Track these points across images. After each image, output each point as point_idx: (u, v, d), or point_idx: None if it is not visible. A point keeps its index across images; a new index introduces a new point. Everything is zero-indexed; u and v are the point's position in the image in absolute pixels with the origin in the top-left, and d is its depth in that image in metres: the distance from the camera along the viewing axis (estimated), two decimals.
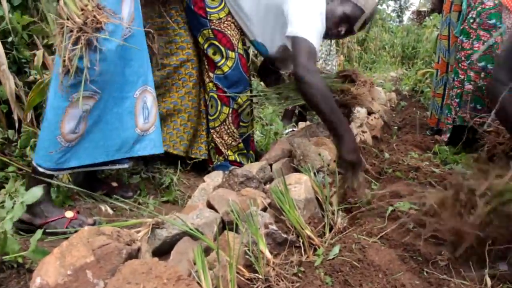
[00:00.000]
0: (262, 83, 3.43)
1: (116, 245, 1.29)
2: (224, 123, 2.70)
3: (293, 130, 3.41)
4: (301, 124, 3.07)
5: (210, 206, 1.84)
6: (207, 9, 2.53)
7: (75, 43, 1.65)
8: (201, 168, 2.99)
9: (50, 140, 1.88)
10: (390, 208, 2.03)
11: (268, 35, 2.62)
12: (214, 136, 2.74)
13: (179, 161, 2.85)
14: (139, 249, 1.40)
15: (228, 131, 2.71)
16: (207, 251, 1.55)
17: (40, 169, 1.90)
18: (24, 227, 1.90)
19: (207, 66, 2.69)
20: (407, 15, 16.76)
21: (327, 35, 2.56)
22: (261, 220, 1.70)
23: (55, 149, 1.89)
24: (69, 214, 1.97)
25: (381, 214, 2.02)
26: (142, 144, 2.18)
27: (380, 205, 2.09)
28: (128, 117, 2.10)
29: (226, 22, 2.59)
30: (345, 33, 2.61)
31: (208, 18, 2.55)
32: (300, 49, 2.18)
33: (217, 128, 2.71)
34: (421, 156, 3.22)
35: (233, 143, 2.72)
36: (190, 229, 1.55)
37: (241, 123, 2.79)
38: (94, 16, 1.67)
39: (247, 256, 1.54)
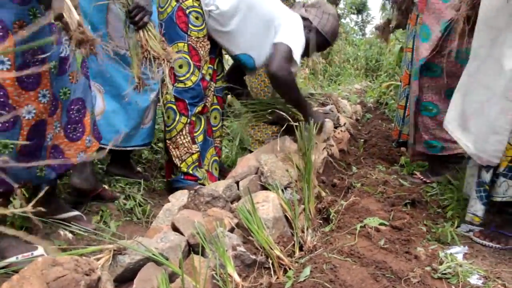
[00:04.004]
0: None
1: (73, 276, 1.20)
2: (181, 133, 2.68)
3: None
4: (269, 140, 3.05)
5: (175, 228, 1.77)
6: (190, 26, 2.62)
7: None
8: (166, 187, 2.93)
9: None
10: (360, 225, 2.00)
11: (257, 47, 2.77)
12: (171, 147, 2.71)
13: (142, 181, 2.78)
14: (99, 279, 1.31)
15: (184, 141, 2.69)
16: (173, 276, 1.48)
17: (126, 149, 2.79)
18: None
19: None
20: (369, 29, 17.12)
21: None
22: (229, 241, 1.64)
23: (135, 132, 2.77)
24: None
25: (351, 231, 1.99)
26: None
27: (350, 221, 2.06)
28: None
29: (202, 43, 2.67)
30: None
31: (188, 33, 2.62)
32: (278, 51, 2.56)
33: (173, 138, 2.69)
34: (388, 169, 3.23)
35: (186, 155, 2.69)
36: (154, 254, 1.48)
37: (213, 128, 2.88)
38: (167, 49, 2.22)
39: (215, 281, 1.48)
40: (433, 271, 1.70)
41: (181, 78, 2.65)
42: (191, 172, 2.70)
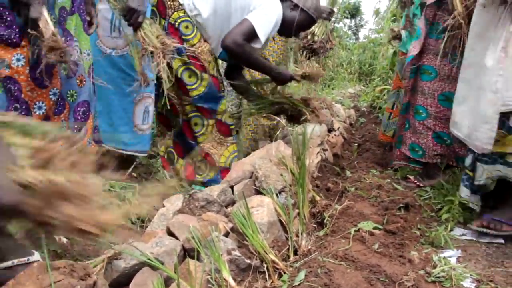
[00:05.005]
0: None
1: (69, 281, 1.21)
2: (212, 134, 2.87)
3: None
4: (262, 144, 3.06)
5: (170, 233, 1.78)
6: (183, 37, 2.73)
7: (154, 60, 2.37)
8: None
9: (129, 132, 2.80)
10: (354, 229, 2.01)
11: None
12: (208, 147, 2.86)
13: (137, 184, 2.78)
14: (94, 284, 1.32)
15: (219, 140, 2.89)
16: (168, 281, 1.48)
17: (125, 152, 2.82)
18: None
19: (179, 91, 2.83)
20: (362, 33, 17.19)
21: (285, 34, 3.12)
22: (224, 246, 1.65)
23: (133, 137, 2.84)
24: None
25: (345, 235, 2.00)
26: None
27: (344, 225, 2.07)
28: None
29: (199, 48, 2.77)
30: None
31: (183, 45, 2.72)
32: (238, 26, 2.67)
33: (206, 141, 2.86)
34: (382, 173, 3.24)
35: (222, 149, 2.88)
36: (149, 259, 1.48)
37: (230, 127, 2.99)
38: (165, 42, 2.36)
39: (210, 285, 1.48)
40: (426, 274, 1.71)
41: (194, 86, 2.77)
42: (228, 166, 2.87)
